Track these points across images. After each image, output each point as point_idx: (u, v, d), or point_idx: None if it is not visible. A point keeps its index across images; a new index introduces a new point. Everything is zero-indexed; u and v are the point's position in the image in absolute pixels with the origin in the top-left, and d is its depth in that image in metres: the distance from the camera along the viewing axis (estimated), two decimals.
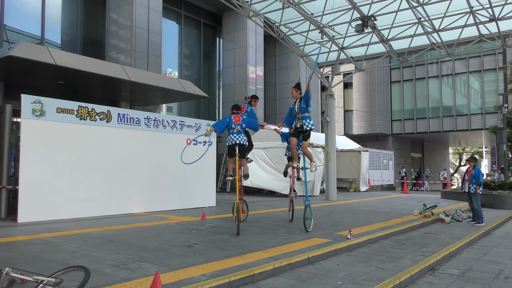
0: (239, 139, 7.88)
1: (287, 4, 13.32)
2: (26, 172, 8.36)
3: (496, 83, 29.07)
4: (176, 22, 20.12)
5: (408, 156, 34.53)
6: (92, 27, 16.54)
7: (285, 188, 16.47)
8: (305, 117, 7.63)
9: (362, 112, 31.51)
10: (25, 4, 14.49)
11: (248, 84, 21.02)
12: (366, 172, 22.67)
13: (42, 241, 6.41)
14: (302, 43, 16.74)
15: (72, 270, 3.70)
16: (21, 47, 9.04)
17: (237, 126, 7.94)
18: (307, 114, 7.67)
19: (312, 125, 7.61)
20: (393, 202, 15.19)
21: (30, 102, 8.41)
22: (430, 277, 5.41)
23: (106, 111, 9.78)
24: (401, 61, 16.88)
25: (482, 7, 13.14)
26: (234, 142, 7.88)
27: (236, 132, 7.92)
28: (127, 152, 10.24)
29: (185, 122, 11.65)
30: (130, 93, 13.05)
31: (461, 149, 49.22)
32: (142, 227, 8.09)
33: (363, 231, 7.86)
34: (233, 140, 7.90)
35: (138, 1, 15.66)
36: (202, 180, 12.06)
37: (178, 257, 5.43)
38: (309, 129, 7.60)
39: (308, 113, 7.67)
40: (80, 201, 9.23)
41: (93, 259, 5.27)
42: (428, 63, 31.21)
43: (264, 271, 4.89)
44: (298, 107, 7.72)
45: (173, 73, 19.87)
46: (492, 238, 8.87)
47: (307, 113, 7.66)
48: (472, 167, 10.47)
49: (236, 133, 7.91)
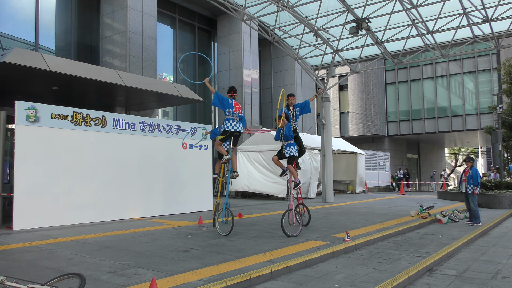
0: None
1: (281, 7, 13.33)
2: (21, 179, 8.30)
3: (490, 84, 29.23)
4: (171, 26, 20.12)
5: (404, 157, 34.61)
6: (86, 33, 16.50)
7: (282, 191, 16.45)
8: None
9: (358, 114, 31.58)
10: (19, 10, 14.44)
11: (243, 88, 21.03)
12: (363, 174, 22.69)
13: (37, 248, 6.36)
14: (297, 46, 16.76)
15: (67, 277, 3.66)
16: (15, 53, 9.01)
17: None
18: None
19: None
20: (390, 204, 15.19)
21: (24, 108, 8.36)
22: (428, 278, 5.40)
23: (101, 116, 9.74)
24: (396, 63, 16.93)
25: (475, 8, 13.19)
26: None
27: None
28: (123, 157, 10.20)
29: (181, 126, 11.62)
30: (125, 98, 13.02)
31: (457, 149, 49.40)
32: (139, 232, 8.04)
33: (360, 233, 7.85)
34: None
35: (132, 6, 15.65)
36: (199, 184, 12.02)
37: (174, 262, 5.40)
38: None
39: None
40: (76, 207, 9.17)
41: (89, 265, 5.22)
42: (423, 65, 31.35)
43: (261, 275, 4.86)
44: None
45: (168, 77, 19.85)
46: (489, 238, 8.88)
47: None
48: (470, 167, 10.49)
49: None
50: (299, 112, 8.73)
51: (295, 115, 8.66)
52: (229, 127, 7.75)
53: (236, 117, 7.85)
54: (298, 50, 16.79)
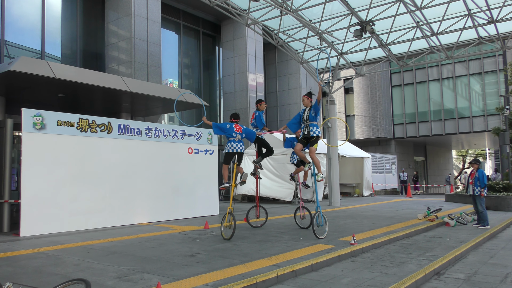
0: (240, 147, 8.17)
1: (285, 12, 13.37)
2: (28, 186, 8.36)
3: (497, 85, 29.00)
4: (175, 32, 20.23)
5: (411, 160, 34.39)
6: (92, 40, 16.64)
7: (288, 195, 16.42)
8: (313, 124, 7.85)
9: (364, 117, 31.48)
10: (25, 19, 14.60)
11: (248, 92, 21.07)
12: (370, 177, 22.58)
13: (44, 254, 6.39)
14: (301, 50, 16.78)
15: (72, 283, 3.67)
16: (21, 61, 9.09)
17: (238, 135, 8.17)
18: (315, 122, 7.88)
19: (319, 132, 7.83)
20: (396, 207, 15.10)
21: (30, 116, 8.43)
22: (436, 282, 5.34)
23: (106, 122, 9.79)
24: (401, 65, 16.89)
25: (480, 9, 13.15)
26: (236, 150, 8.12)
27: (237, 141, 8.15)
28: (129, 163, 10.24)
29: (186, 132, 11.65)
30: (130, 104, 13.09)
31: (464, 151, 49.03)
32: (145, 237, 8.06)
33: (367, 236, 7.80)
34: (234, 148, 8.12)
35: (137, 12, 15.76)
36: (205, 188, 12.03)
37: (180, 267, 5.39)
38: (316, 136, 7.77)
39: (316, 121, 7.89)
40: (82, 213, 9.21)
41: (95, 271, 5.24)
42: (429, 67, 31.20)
43: (267, 279, 4.84)
44: (308, 115, 7.94)
45: (173, 83, 19.93)
46: (498, 241, 8.79)
47: (315, 121, 7.88)
48: (476, 170, 10.42)
49: (237, 142, 8.14)
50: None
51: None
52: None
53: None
54: (302, 53, 16.81)
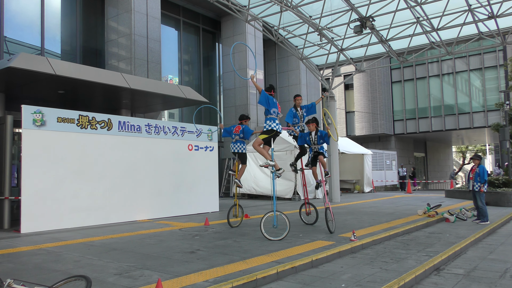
0: (237, 148, 8.57)
1: (285, 8, 13.32)
2: (28, 183, 8.37)
3: (497, 81, 28.96)
4: (175, 28, 20.17)
5: (411, 156, 34.40)
6: (91, 36, 16.60)
7: (289, 192, 16.47)
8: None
9: (364, 113, 31.46)
10: (24, 15, 14.56)
11: (248, 89, 21.04)
12: (370, 173, 22.60)
13: (45, 251, 6.40)
14: (301, 46, 16.75)
15: (73, 279, 3.68)
16: (21, 58, 9.07)
17: (236, 136, 8.53)
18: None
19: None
20: (397, 203, 15.12)
21: (30, 112, 8.43)
22: (435, 277, 5.36)
23: (106, 119, 9.79)
24: (401, 61, 16.86)
25: (480, 4, 13.11)
26: (234, 150, 8.60)
27: (235, 142, 8.57)
28: (129, 160, 10.24)
29: (186, 128, 11.65)
30: (130, 100, 13.07)
31: (464, 147, 49.02)
32: (145, 234, 8.07)
33: (367, 233, 7.81)
34: (232, 148, 8.62)
35: (137, 8, 15.72)
36: (205, 185, 12.04)
37: (181, 264, 5.41)
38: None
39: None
40: (83, 209, 9.23)
41: (96, 267, 5.25)
42: (429, 62, 31.15)
43: (267, 276, 4.86)
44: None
45: (173, 79, 19.90)
46: (497, 236, 8.81)
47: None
48: (477, 165, 10.42)
49: (234, 142, 8.58)
50: (306, 113, 8.93)
51: (302, 116, 8.97)
52: (275, 127, 7.58)
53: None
54: (302, 50, 16.77)
